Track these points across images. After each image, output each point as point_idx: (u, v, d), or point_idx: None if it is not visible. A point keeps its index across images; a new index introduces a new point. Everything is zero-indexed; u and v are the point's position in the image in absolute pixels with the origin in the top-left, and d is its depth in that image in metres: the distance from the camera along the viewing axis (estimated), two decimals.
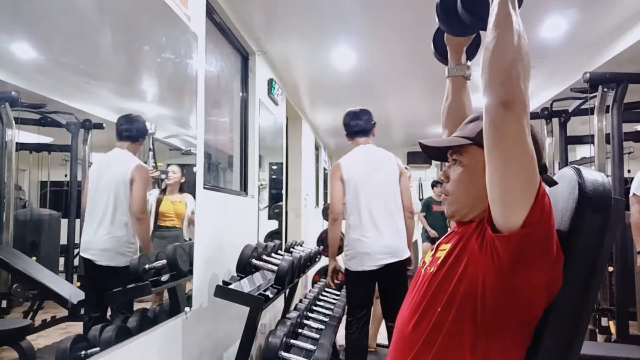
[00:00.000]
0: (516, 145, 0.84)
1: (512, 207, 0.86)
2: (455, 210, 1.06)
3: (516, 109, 0.83)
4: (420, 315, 0.98)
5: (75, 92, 1.43)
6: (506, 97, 0.83)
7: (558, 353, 0.92)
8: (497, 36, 0.87)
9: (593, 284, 0.92)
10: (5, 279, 1.24)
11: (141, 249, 1.73)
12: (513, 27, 0.87)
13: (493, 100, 0.85)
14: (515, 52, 0.85)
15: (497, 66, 0.86)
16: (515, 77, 0.84)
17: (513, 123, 0.83)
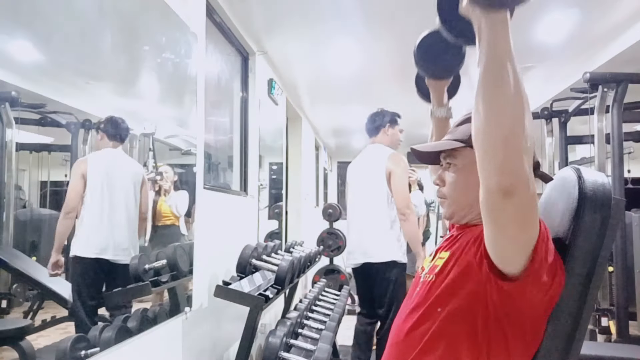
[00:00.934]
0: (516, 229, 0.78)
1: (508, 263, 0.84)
2: (453, 212, 1.05)
3: (518, 195, 0.73)
4: (417, 322, 0.96)
5: (75, 92, 1.43)
6: (506, 182, 0.72)
7: (558, 353, 0.92)
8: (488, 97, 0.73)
9: (593, 284, 0.92)
10: (5, 279, 1.24)
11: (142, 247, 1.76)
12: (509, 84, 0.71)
13: (490, 184, 0.74)
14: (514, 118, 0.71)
15: (491, 139, 0.73)
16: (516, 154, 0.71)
17: (513, 211, 0.75)
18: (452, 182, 1.04)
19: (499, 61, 0.73)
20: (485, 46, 0.74)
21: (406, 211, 2.76)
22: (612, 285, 3.24)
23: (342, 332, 4.36)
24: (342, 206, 8.53)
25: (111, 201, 1.60)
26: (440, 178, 1.07)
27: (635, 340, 3.02)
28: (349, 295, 4.65)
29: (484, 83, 0.74)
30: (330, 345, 2.30)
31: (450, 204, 1.05)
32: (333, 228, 6.15)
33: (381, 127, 3.01)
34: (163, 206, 2.08)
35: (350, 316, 5.22)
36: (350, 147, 8.89)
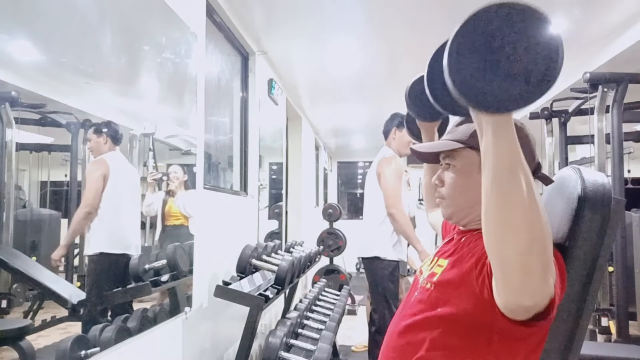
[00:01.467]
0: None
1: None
2: (452, 213, 1.04)
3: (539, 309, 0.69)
4: (415, 329, 0.94)
5: (75, 92, 1.43)
6: (527, 305, 0.67)
7: (558, 353, 0.92)
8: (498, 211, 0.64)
9: (593, 284, 0.92)
10: (5, 279, 1.24)
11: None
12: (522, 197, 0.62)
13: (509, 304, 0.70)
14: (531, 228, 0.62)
15: (507, 262, 0.65)
16: (536, 271, 0.63)
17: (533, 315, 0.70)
18: (451, 183, 1.02)
19: (507, 167, 0.63)
20: (490, 149, 0.65)
21: (392, 210, 2.86)
22: (612, 285, 3.24)
23: (342, 332, 4.37)
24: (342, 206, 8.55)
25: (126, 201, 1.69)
26: (440, 178, 1.05)
27: (635, 340, 3.02)
28: (349, 295, 4.65)
29: (493, 194, 0.65)
30: (330, 345, 2.30)
31: (449, 205, 1.04)
32: (333, 228, 6.15)
33: (389, 131, 3.10)
34: (172, 206, 2.11)
35: (350, 316, 5.23)
36: (350, 147, 8.90)
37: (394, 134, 3.06)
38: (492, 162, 0.64)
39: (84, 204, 1.48)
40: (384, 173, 2.93)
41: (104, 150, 1.58)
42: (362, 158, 9.53)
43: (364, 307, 5.58)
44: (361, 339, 4.11)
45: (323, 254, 5.09)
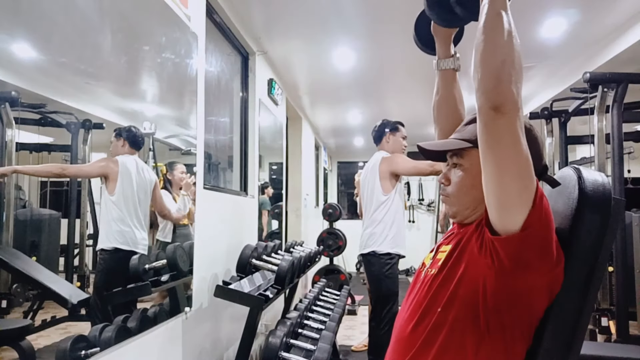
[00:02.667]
0: (510, 149, 0.83)
1: (509, 211, 0.86)
2: (457, 212, 1.05)
3: (508, 112, 0.82)
4: (420, 316, 0.98)
5: (75, 92, 1.43)
6: (497, 101, 0.82)
7: (558, 353, 0.92)
8: (486, 37, 0.86)
9: (593, 284, 0.92)
10: (5, 279, 1.24)
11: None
12: (503, 27, 0.85)
13: (484, 104, 0.84)
14: (506, 53, 0.83)
15: (486, 69, 0.84)
16: (506, 79, 0.82)
17: (505, 126, 0.82)
18: (458, 182, 1.03)
19: (497, 10, 0.86)
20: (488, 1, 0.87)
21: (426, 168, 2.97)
22: (612, 285, 3.24)
23: (342, 332, 4.37)
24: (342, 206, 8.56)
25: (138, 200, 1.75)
26: (446, 177, 1.06)
27: (635, 340, 3.02)
28: (349, 295, 4.65)
29: (484, 27, 0.86)
30: (330, 345, 2.30)
31: (454, 203, 1.05)
32: (333, 228, 6.15)
33: (383, 136, 3.25)
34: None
35: (351, 316, 5.23)
36: (350, 147, 8.90)
37: (387, 138, 3.22)
38: (487, 7, 0.87)
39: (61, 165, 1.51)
40: (396, 163, 3.07)
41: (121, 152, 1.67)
42: (362, 158, 9.52)
43: (363, 307, 5.58)
44: (361, 339, 4.11)
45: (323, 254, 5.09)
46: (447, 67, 1.20)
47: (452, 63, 1.20)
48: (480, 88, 0.85)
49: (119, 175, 1.63)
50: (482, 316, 0.90)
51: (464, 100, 1.25)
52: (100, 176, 1.61)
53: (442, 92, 1.23)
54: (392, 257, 3.04)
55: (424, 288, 1.00)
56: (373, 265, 3.04)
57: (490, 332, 0.90)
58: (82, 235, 1.56)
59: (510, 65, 0.83)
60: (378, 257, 3.02)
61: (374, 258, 3.04)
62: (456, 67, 1.21)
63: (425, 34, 1.22)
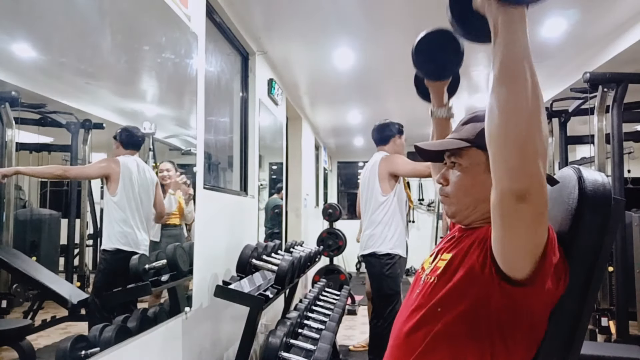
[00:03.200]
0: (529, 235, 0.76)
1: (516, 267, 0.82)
2: (456, 211, 1.03)
3: (532, 201, 0.71)
4: (418, 324, 0.95)
5: (75, 92, 1.43)
6: (523, 187, 0.70)
7: (558, 353, 0.92)
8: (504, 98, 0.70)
9: (593, 284, 0.92)
10: (5, 279, 1.24)
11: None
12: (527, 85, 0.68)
13: (505, 189, 0.72)
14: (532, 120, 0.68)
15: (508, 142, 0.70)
16: (533, 156, 0.68)
17: (527, 216, 0.73)
18: (457, 181, 1.02)
19: (516, 59, 0.71)
20: (502, 44, 0.72)
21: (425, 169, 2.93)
22: (612, 285, 3.24)
23: (342, 332, 4.37)
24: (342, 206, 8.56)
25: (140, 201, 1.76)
26: (444, 177, 1.05)
27: (635, 340, 3.02)
28: (349, 295, 4.65)
29: (500, 81, 0.71)
30: (330, 345, 2.30)
31: (453, 203, 1.03)
32: (333, 228, 6.15)
33: (391, 137, 3.23)
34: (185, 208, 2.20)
35: (351, 316, 5.23)
36: (350, 147, 8.90)
37: (395, 141, 3.21)
38: (502, 52, 0.71)
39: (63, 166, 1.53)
40: (395, 164, 3.06)
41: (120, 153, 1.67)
42: (362, 158, 9.52)
43: (363, 307, 5.58)
44: (361, 339, 4.11)
45: (323, 254, 5.09)
46: (440, 116, 1.27)
47: (445, 112, 1.27)
48: (498, 168, 0.72)
49: (121, 175, 1.63)
50: (484, 330, 0.88)
51: None
52: (102, 177, 1.61)
53: (436, 137, 1.29)
54: (392, 257, 3.04)
55: (423, 295, 0.98)
56: (373, 266, 3.06)
57: (493, 347, 0.88)
58: (82, 235, 1.56)
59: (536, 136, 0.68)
60: (378, 258, 3.03)
61: (374, 259, 3.05)
62: (449, 116, 1.27)
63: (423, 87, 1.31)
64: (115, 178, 1.62)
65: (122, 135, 1.67)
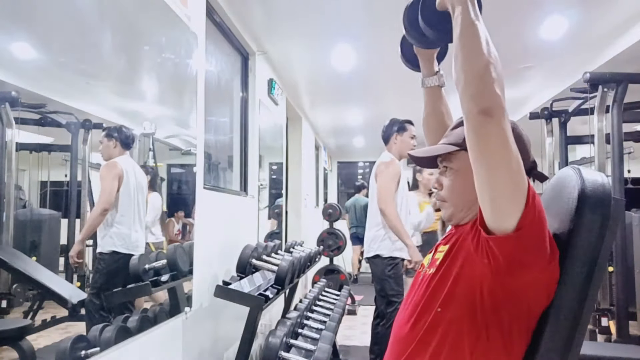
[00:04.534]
0: (500, 150, 0.84)
1: (503, 212, 0.86)
2: (452, 214, 1.07)
3: (496, 115, 0.82)
4: (418, 316, 0.99)
5: (75, 92, 1.43)
6: (485, 104, 0.83)
7: (558, 353, 0.92)
8: (464, 46, 0.87)
9: (593, 284, 0.92)
10: (5, 279, 1.24)
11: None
12: (479, 35, 0.86)
13: (472, 109, 0.84)
14: (486, 58, 0.85)
15: (470, 75, 0.85)
16: (490, 82, 0.83)
17: (494, 129, 0.83)
18: (450, 185, 1.06)
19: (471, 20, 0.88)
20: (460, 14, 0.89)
21: (381, 206, 3.04)
22: (612, 285, 3.24)
23: (342, 332, 4.37)
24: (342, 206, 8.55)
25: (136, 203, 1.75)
26: (438, 182, 1.09)
27: (635, 340, 3.02)
28: (349, 295, 4.65)
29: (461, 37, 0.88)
30: (330, 345, 2.30)
31: (448, 207, 1.07)
32: (333, 228, 6.15)
33: (390, 137, 3.24)
34: None
35: (351, 316, 5.23)
36: (350, 147, 8.89)
37: (395, 139, 3.21)
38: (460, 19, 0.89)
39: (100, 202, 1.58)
40: (381, 174, 3.12)
41: (114, 153, 1.64)
42: (362, 158, 9.53)
43: (364, 307, 5.58)
44: (361, 339, 4.11)
45: (323, 254, 5.08)
46: (432, 85, 1.25)
47: (436, 80, 1.25)
48: (466, 93, 0.86)
49: (123, 178, 1.64)
50: (480, 315, 0.91)
51: (451, 114, 1.29)
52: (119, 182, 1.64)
53: (429, 108, 1.28)
54: (395, 258, 3.08)
55: (422, 287, 1.02)
56: (377, 267, 3.10)
57: (488, 331, 0.91)
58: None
59: (494, 69, 0.84)
60: (381, 259, 3.08)
61: (377, 260, 3.10)
62: (441, 84, 1.25)
63: (410, 53, 1.27)
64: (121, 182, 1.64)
65: (120, 135, 1.66)
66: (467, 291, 0.92)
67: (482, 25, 0.89)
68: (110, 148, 1.63)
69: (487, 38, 0.87)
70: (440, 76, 1.25)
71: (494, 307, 0.90)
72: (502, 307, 0.90)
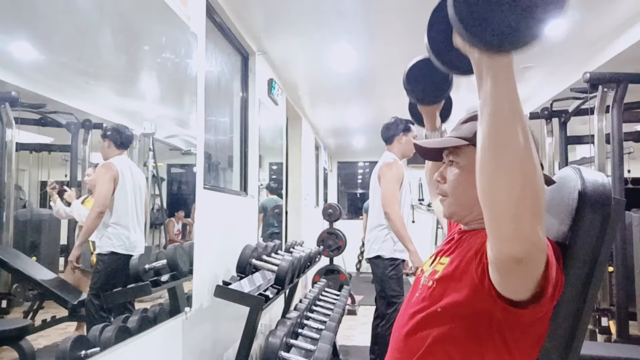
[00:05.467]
0: (528, 284, 0.73)
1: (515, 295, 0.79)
2: (454, 212, 1.03)
3: (532, 261, 0.67)
4: (419, 326, 0.95)
5: (75, 92, 1.43)
6: (518, 254, 0.66)
7: (558, 353, 0.92)
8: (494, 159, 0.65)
9: (593, 284, 0.92)
10: (5, 279, 1.24)
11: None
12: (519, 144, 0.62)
13: (500, 253, 0.68)
14: (526, 178, 0.62)
15: (500, 207, 0.65)
16: (529, 221, 0.64)
17: (527, 274, 0.71)
18: (454, 180, 1.01)
19: (505, 116, 0.63)
20: (489, 97, 0.65)
21: (386, 209, 3.00)
22: (612, 285, 3.24)
23: (342, 332, 4.37)
24: (342, 206, 8.55)
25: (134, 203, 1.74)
26: (442, 175, 1.04)
27: (635, 340, 3.02)
28: (349, 295, 4.65)
29: (489, 142, 0.65)
30: (330, 345, 2.30)
31: (451, 203, 1.03)
32: (333, 228, 6.15)
33: (395, 136, 3.18)
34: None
35: (351, 316, 5.23)
36: (350, 147, 8.89)
37: (400, 139, 3.15)
38: (491, 108, 0.64)
39: (96, 204, 1.56)
40: (384, 175, 3.07)
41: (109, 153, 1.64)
42: (362, 158, 9.53)
43: (364, 307, 5.58)
44: (361, 339, 4.11)
45: (323, 254, 5.08)
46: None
47: (438, 136, 1.27)
48: (495, 233, 0.67)
49: (119, 179, 1.64)
50: (485, 334, 0.87)
51: None
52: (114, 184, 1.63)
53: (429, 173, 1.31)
54: (396, 259, 3.07)
55: (423, 298, 0.97)
56: (378, 268, 3.10)
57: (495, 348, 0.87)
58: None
59: (533, 194, 0.63)
60: (382, 260, 3.07)
61: (379, 260, 3.09)
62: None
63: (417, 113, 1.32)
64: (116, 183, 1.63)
65: (114, 135, 1.65)
66: (471, 314, 0.87)
67: (521, 116, 0.62)
68: (104, 148, 1.63)
69: (527, 137, 0.62)
70: (443, 132, 1.27)
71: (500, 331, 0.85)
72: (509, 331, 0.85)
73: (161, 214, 2.14)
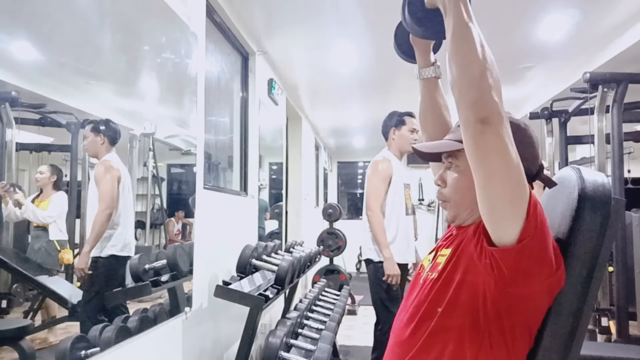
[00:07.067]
0: (499, 160, 0.82)
1: (504, 224, 0.85)
2: (456, 215, 1.04)
3: (495, 123, 0.80)
4: (419, 321, 0.97)
5: (75, 92, 1.43)
6: (483, 113, 0.81)
7: (558, 353, 0.92)
8: (458, 51, 0.85)
9: (593, 284, 0.92)
10: (5, 279, 1.24)
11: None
12: (474, 39, 0.83)
13: (469, 118, 0.82)
14: (482, 64, 0.82)
15: (465, 82, 0.83)
16: (487, 90, 0.81)
17: (493, 137, 0.81)
18: (454, 183, 1.02)
19: (464, 23, 0.85)
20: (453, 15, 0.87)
21: (368, 212, 2.91)
22: (612, 285, 3.24)
23: (342, 332, 4.37)
24: (342, 206, 8.55)
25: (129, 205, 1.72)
26: (442, 178, 1.05)
27: (635, 340, 3.02)
28: (349, 295, 4.65)
29: (454, 41, 0.86)
30: (330, 345, 2.30)
31: (452, 207, 1.04)
32: (333, 228, 6.15)
33: (388, 132, 3.06)
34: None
35: (351, 316, 5.23)
36: (350, 147, 8.90)
37: (393, 134, 3.02)
38: (454, 19, 0.86)
39: (104, 206, 1.52)
40: (368, 176, 2.98)
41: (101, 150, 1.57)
42: (362, 158, 9.53)
43: (364, 307, 5.58)
44: (361, 339, 4.11)
45: (323, 254, 5.09)
46: (428, 76, 1.21)
47: (433, 71, 1.20)
48: (463, 102, 0.83)
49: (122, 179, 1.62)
50: (482, 322, 0.90)
51: (448, 106, 1.24)
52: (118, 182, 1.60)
53: (426, 100, 1.24)
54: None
55: (424, 292, 0.99)
56: (369, 271, 2.98)
57: (491, 339, 0.90)
58: (82, 236, 1.56)
59: (490, 75, 0.82)
60: (373, 264, 2.94)
61: (370, 264, 2.97)
62: (437, 75, 1.21)
63: (405, 43, 1.23)
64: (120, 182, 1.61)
65: (108, 130, 1.57)
66: (470, 298, 0.91)
67: (475, 27, 0.85)
68: (97, 144, 1.54)
69: (482, 41, 0.84)
70: (437, 67, 1.21)
71: (497, 315, 0.89)
72: (505, 314, 0.89)
73: (161, 214, 2.14)
